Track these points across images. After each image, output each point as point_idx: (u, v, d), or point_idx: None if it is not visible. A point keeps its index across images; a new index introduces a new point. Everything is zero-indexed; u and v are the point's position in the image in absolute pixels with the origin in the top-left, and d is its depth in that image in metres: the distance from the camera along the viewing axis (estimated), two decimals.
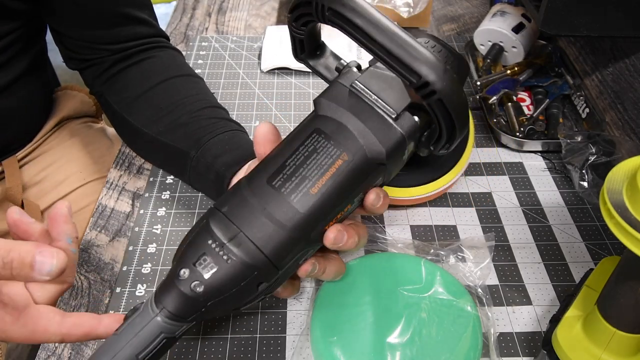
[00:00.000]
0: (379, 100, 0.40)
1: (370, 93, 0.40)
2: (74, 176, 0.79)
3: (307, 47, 0.46)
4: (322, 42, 0.47)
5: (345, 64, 0.44)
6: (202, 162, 0.59)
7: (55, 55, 0.76)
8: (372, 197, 0.42)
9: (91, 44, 0.66)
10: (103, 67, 0.67)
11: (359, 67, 0.43)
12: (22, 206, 0.74)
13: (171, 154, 0.62)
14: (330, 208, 0.40)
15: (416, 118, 0.40)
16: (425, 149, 0.43)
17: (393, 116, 0.40)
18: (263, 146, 0.43)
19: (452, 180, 0.61)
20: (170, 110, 0.63)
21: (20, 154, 0.77)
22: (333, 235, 0.41)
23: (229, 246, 0.38)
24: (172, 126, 0.62)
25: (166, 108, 0.63)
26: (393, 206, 0.64)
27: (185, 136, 0.61)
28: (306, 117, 0.43)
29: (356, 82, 0.41)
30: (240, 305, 0.41)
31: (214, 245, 0.38)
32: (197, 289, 0.38)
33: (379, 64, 0.42)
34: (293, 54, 0.47)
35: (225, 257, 0.38)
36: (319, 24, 0.42)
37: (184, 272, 0.38)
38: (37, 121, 0.80)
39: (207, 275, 0.38)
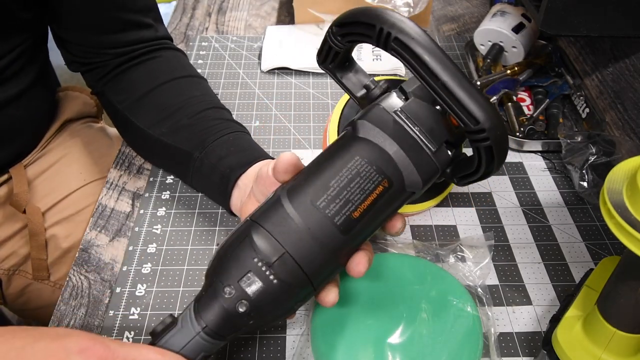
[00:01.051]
0: (422, 131, 0.41)
1: (414, 123, 0.41)
2: (74, 177, 0.79)
3: (340, 60, 0.46)
4: (352, 57, 0.47)
5: (375, 83, 0.45)
6: (206, 164, 0.58)
7: (54, 55, 0.76)
8: (399, 226, 0.44)
9: (95, 49, 0.66)
10: (106, 69, 0.67)
11: (401, 90, 0.43)
12: (24, 211, 0.74)
13: (174, 155, 0.62)
14: (367, 232, 0.41)
15: (449, 153, 0.42)
16: (448, 180, 0.45)
17: (433, 149, 0.41)
18: (282, 175, 0.43)
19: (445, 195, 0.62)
20: (173, 111, 0.63)
21: (25, 160, 0.77)
22: (363, 267, 0.41)
23: (276, 266, 0.38)
24: (175, 127, 0.62)
25: (170, 109, 0.63)
26: None
27: (188, 137, 0.61)
28: (342, 134, 0.43)
29: (400, 110, 0.41)
30: (275, 322, 0.42)
31: (260, 264, 0.38)
32: (241, 309, 0.38)
33: (417, 93, 0.43)
34: (319, 60, 0.47)
35: (271, 277, 0.37)
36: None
37: (229, 290, 0.38)
38: (43, 127, 0.80)
39: (252, 295, 0.37)
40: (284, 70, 0.87)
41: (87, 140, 0.83)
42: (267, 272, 0.37)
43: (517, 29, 0.81)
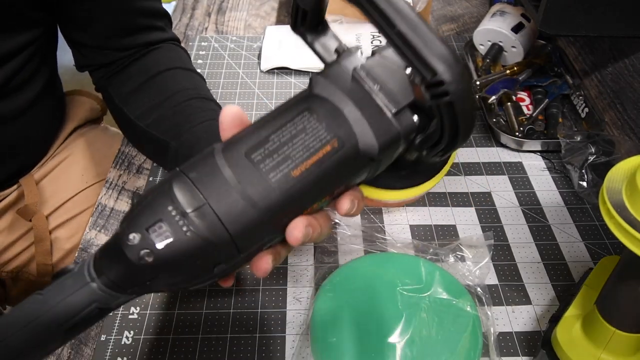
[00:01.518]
0: (382, 91, 0.37)
1: (373, 82, 0.37)
2: (76, 179, 0.79)
3: (310, 20, 0.42)
4: (326, 20, 0.44)
5: (346, 47, 0.41)
6: (180, 153, 0.58)
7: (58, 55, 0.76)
8: (347, 206, 0.39)
9: (108, 51, 0.66)
10: (112, 67, 0.67)
11: (372, 52, 0.40)
12: (30, 219, 0.74)
13: (157, 146, 0.61)
14: (308, 196, 0.37)
15: (415, 118, 0.38)
16: (416, 153, 0.41)
17: (393, 111, 0.37)
18: (229, 131, 0.40)
19: (432, 187, 0.57)
20: (161, 101, 0.62)
21: (34, 170, 0.77)
22: (299, 232, 0.36)
23: (191, 217, 0.33)
24: (159, 118, 0.61)
25: (158, 99, 0.63)
26: (378, 205, 0.64)
27: (169, 128, 0.60)
28: (298, 93, 0.39)
29: (360, 67, 0.38)
30: (189, 285, 0.36)
31: (174, 213, 0.33)
32: (146, 259, 0.33)
33: (384, 54, 0.40)
34: (291, 24, 0.44)
35: (184, 229, 0.33)
36: None
37: (134, 237, 0.33)
38: (52, 135, 0.80)
39: (160, 245, 0.33)
40: (283, 70, 0.87)
41: (89, 142, 0.83)
42: (181, 223, 0.33)
43: (516, 29, 0.81)
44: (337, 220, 0.62)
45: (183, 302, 0.55)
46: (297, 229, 0.36)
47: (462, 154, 0.71)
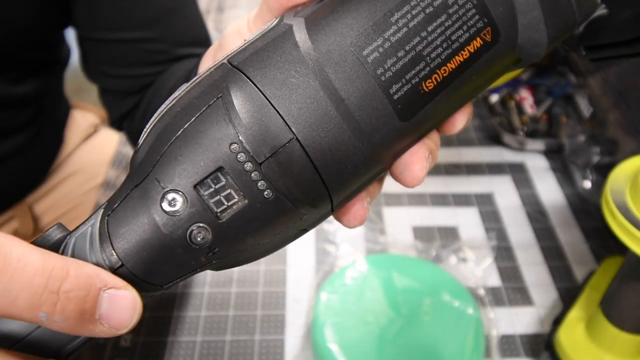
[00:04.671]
0: None
1: None
2: (75, 188, 0.78)
3: None
4: None
5: None
6: None
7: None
8: (463, 121, 0.26)
9: (137, 80, 0.59)
10: (131, 101, 0.61)
11: None
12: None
13: None
14: (438, 115, 0.24)
15: None
16: (571, 48, 0.28)
17: None
18: None
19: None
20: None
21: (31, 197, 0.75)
22: (422, 167, 0.24)
23: (269, 164, 0.20)
24: None
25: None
26: (394, 204, 0.64)
27: None
28: None
29: None
30: (251, 261, 0.24)
31: (241, 157, 0.20)
32: (199, 238, 0.21)
33: None
34: None
35: (262, 186, 0.21)
36: None
37: (174, 201, 0.20)
38: (53, 159, 0.77)
39: (224, 216, 0.21)
40: None
41: (88, 149, 0.82)
42: (254, 175, 0.21)
43: None
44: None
45: (182, 304, 0.55)
46: (419, 163, 0.24)
47: (464, 154, 0.71)
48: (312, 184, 0.21)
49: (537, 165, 0.69)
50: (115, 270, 0.21)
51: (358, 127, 0.21)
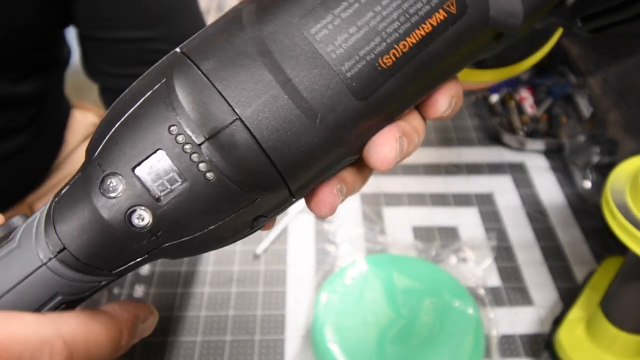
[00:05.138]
0: None
1: None
2: None
3: None
4: None
5: None
6: None
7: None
8: (444, 105, 0.24)
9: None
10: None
11: None
12: None
13: None
14: (404, 96, 0.23)
15: None
16: (566, 21, 0.26)
17: None
18: None
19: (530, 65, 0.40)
20: None
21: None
22: (391, 148, 0.22)
23: (211, 145, 0.20)
24: None
25: None
26: (394, 204, 0.64)
27: None
28: None
29: None
30: (209, 250, 0.23)
31: (182, 138, 0.20)
32: (139, 222, 0.20)
33: None
34: None
35: (203, 168, 0.20)
36: None
37: (113, 184, 0.20)
38: (53, 159, 0.78)
39: (164, 198, 0.20)
40: None
41: (84, 146, 0.82)
42: (195, 157, 0.20)
43: None
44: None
45: (182, 304, 0.55)
46: (387, 144, 0.22)
47: (464, 154, 0.71)
48: (259, 166, 0.20)
49: (537, 165, 0.69)
50: (58, 254, 0.21)
51: (308, 107, 0.20)
